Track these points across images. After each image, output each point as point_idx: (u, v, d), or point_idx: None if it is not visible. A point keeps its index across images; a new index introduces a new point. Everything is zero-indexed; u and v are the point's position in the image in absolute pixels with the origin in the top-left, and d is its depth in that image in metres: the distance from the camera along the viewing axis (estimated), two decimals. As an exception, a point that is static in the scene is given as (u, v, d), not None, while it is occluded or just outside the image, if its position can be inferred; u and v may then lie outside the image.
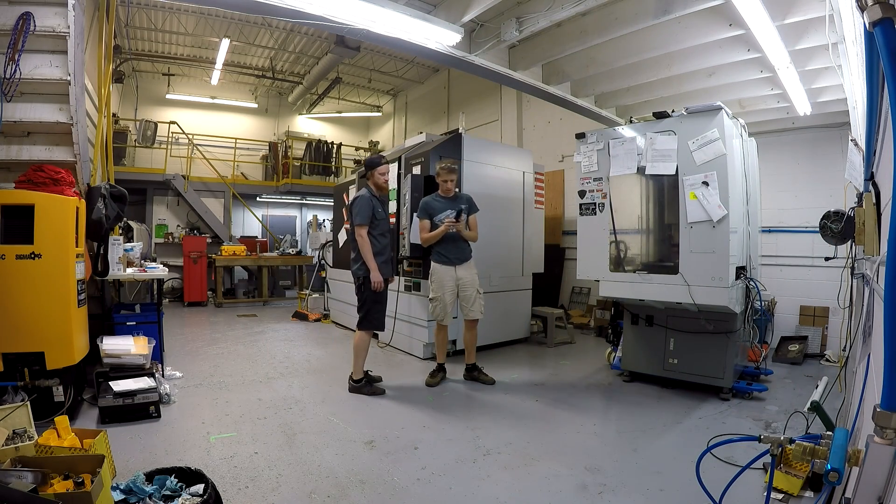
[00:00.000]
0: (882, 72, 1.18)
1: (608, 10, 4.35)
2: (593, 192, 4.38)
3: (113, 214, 3.73)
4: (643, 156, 4.02)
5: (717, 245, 3.75)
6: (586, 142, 4.40)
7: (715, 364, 4.16)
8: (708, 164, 3.75)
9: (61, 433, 2.32)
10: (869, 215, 1.95)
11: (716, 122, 3.73)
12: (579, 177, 4.46)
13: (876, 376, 1.43)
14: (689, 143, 3.80)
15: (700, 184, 3.75)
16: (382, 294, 4.18)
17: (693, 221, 3.81)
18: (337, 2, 3.63)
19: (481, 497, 2.54)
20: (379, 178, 4.20)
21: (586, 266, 4.48)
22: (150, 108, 11.45)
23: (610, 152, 4.22)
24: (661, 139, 3.94)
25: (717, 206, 3.70)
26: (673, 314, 4.32)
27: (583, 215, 4.46)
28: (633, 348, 4.59)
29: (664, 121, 3.99)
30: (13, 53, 3.36)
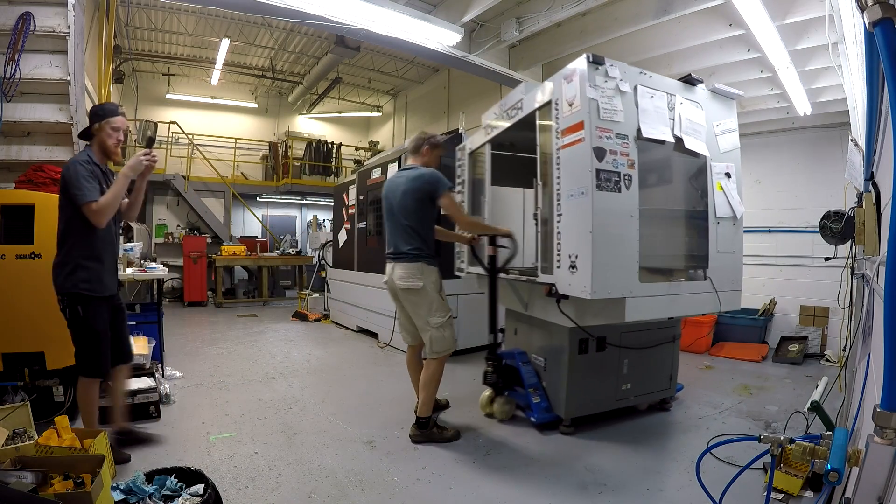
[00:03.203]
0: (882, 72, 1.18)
1: (608, 10, 4.35)
2: (616, 154, 2.79)
3: (112, 214, 3.71)
4: (676, 123, 3.06)
5: (737, 245, 3.49)
6: (605, 74, 2.84)
7: (664, 375, 3.76)
8: (728, 154, 3.37)
9: (61, 433, 2.31)
10: (869, 215, 1.95)
11: (733, 110, 3.45)
12: (594, 125, 2.72)
13: (876, 376, 1.44)
14: (715, 126, 3.29)
15: (724, 175, 3.34)
16: (102, 320, 2.69)
17: (721, 216, 3.32)
18: (337, 2, 3.63)
19: (481, 497, 2.54)
20: (108, 137, 2.69)
21: (605, 276, 2.74)
22: (150, 108, 11.45)
23: (638, 102, 2.91)
24: (692, 109, 3.17)
25: (738, 201, 3.41)
26: (627, 329, 3.43)
27: (601, 189, 2.72)
28: (581, 385, 3.36)
29: (694, 89, 3.25)
30: (13, 53, 3.36)
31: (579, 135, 2.77)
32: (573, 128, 2.81)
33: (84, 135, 2.72)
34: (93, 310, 2.62)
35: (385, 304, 5.45)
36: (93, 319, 2.62)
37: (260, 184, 12.48)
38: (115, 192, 2.56)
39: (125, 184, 2.62)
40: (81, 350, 2.65)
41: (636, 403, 3.67)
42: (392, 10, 3.82)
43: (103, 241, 2.65)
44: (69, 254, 2.57)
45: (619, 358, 3.49)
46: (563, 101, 2.90)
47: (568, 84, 2.88)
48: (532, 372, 3.55)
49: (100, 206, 2.49)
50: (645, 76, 3.02)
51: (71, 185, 2.49)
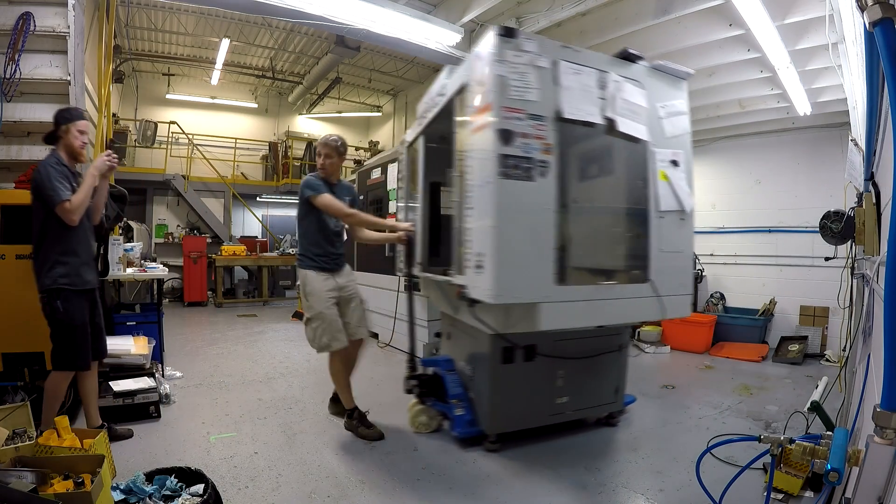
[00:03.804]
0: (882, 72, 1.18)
1: (608, 10, 4.35)
2: (528, 138, 2.44)
3: (113, 214, 3.73)
4: (608, 103, 2.69)
5: (685, 243, 3.00)
6: (518, 48, 2.47)
7: (609, 387, 3.41)
8: (676, 139, 2.96)
9: (61, 433, 2.31)
10: (869, 215, 1.95)
11: (683, 91, 3.07)
12: (499, 104, 2.39)
13: (876, 376, 1.44)
14: (659, 108, 2.91)
15: (669, 162, 2.92)
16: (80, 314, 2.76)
17: (665, 210, 2.87)
18: (337, 2, 3.64)
19: (481, 497, 2.54)
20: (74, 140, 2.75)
21: (512, 278, 2.41)
22: (150, 108, 11.44)
23: (560, 79, 2.55)
24: (630, 89, 2.79)
25: (687, 192, 2.96)
26: (562, 338, 3.13)
27: (507, 178, 2.38)
28: (508, 398, 3.08)
29: (632, 67, 2.89)
30: (13, 53, 3.37)
31: (488, 117, 2.45)
32: (482, 110, 2.51)
33: (49, 138, 2.77)
34: (72, 304, 2.69)
35: (385, 304, 5.45)
36: (72, 313, 2.69)
37: (260, 184, 12.48)
38: (85, 190, 2.67)
39: (93, 182, 2.72)
40: (60, 344, 2.71)
41: (576, 417, 3.32)
42: (392, 10, 3.82)
43: (78, 237, 2.75)
44: (46, 253, 2.67)
45: (553, 369, 3.15)
46: (475, 81, 2.61)
47: (479, 62, 2.58)
48: (457, 381, 3.28)
49: (73, 204, 2.60)
50: (570, 51, 2.69)
51: (44, 186, 2.58)
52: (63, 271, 2.67)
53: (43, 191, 2.58)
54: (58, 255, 2.67)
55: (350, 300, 3.36)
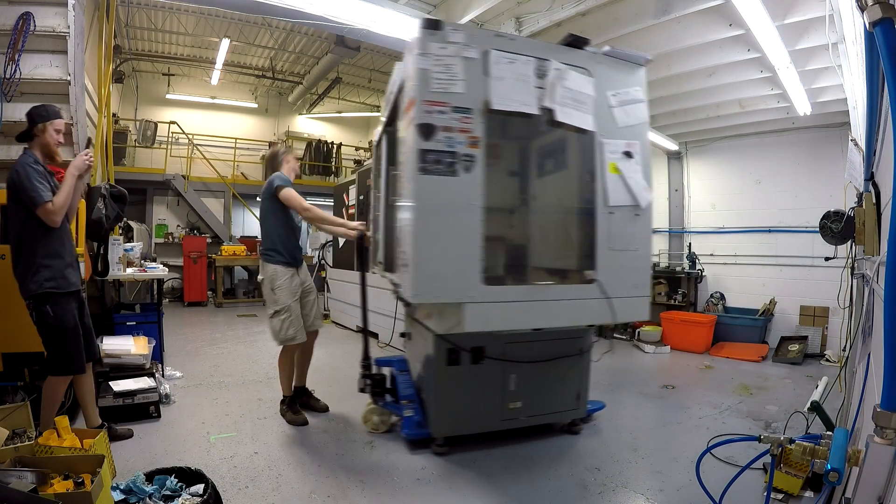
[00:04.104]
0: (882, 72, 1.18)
1: (608, 10, 4.35)
2: (452, 131, 2.39)
3: (113, 214, 3.73)
4: (549, 92, 2.58)
5: (641, 240, 2.82)
6: (443, 38, 2.44)
7: (568, 393, 3.25)
8: (631, 129, 2.80)
9: (61, 433, 2.31)
10: (869, 215, 1.95)
11: (640, 78, 2.89)
12: (420, 98, 2.38)
13: (876, 376, 1.44)
14: (609, 96, 2.76)
15: (622, 154, 2.76)
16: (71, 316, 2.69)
17: (615, 205, 2.72)
18: (337, 2, 3.63)
19: (481, 497, 2.54)
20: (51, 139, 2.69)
21: (432, 276, 2.39)
22: (150, 108, 11.43)
23: (490, 70, 2.48)
24: (575, 77, 2.65)
25: (643, 186, 2.78)
26: (513, 340, 3.02)
27: (427, 174, 2.36)
28: (455, 401, 3.00)
29: (579, 53, 2.75)
30: (13, 53, 3.36)
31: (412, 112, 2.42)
32: (409, 105, 2.48)
33: (23, 136, 2.68)
34: (60, 307, 2.63)
35: (385, 304, 5.44)
36: (62, 316, 2.62)
37: (260, 184, 12.36)
38: (67, 191, 2.60)
39: (73, 182, 2.65)
40: (53, 349, 2.65)
41: (531, 423, 3.18)
42: (392, 10, 3.81)
43: (60, 239, 2.67)
44: (29, 257, 2.58)
45: (504, 372, 3.04)
46: (407, 76, 2.58)
47: (408, 56, 2.56)
48: (409, 382, 3.25)
49: (56, 205, 2.53)
50: (504, 39, 2.62)
51: (24, 187, 2.49)
52: (48, 274, 2.59)
53: (23, 192, 2.49)
54: (41, 258, 2.58)
55: (308, 294, 3.56)
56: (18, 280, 2.61)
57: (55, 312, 2.60)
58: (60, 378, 2.71)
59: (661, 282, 7.09)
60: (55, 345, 2.65)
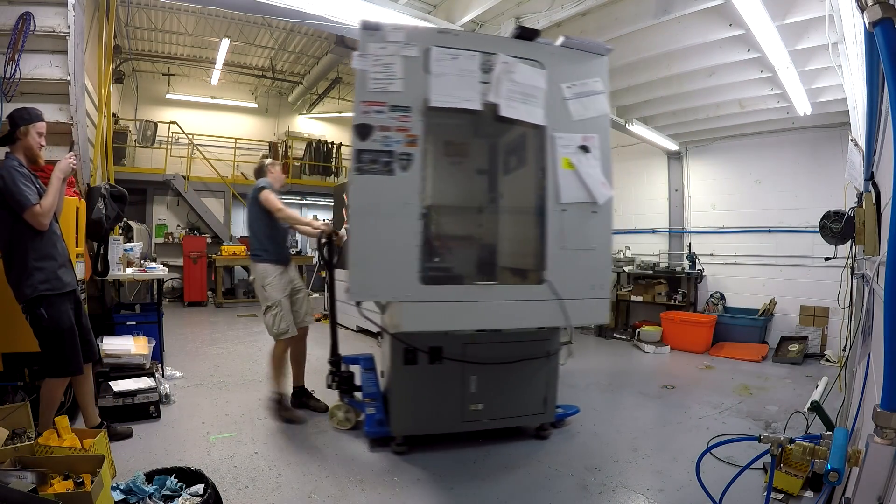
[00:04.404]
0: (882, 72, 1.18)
1: (608, 10, 4.34)
2: (389, 130, 2.42)
3: (113, 214, 3.73)
4: (494, 87, 2.53)
5: (600, 239, 2.70)
6: (382, 38, 2.45)
7: (535, 397, 3.17)
8: (588, 122, 2.68)
9: (61, 433, 2.31)
10: (869, 215, 1.95)
11: (602, 68, 2.76)
12: (358, 99, 2.44)
13: (876, 376, 1.44)
14: (564, 88, 2.64)
15: (577, 148, 2.64)
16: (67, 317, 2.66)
17: (567, 202, 2.62)
18: (337, 2, 3.63)
19: (482, 497, 2.54)
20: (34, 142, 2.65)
21: (368, 275, 2.43)
22: (150, 108, 11.43)
23: (431, 67, 2.47)
24: (525, 70, 2.57)
25: (600, 182, 2.66)
26: (473, 341, 2.97)
27: (363, 173, 2.40)
28: (410, 401, 3.00)
29: (531, 45, 2.68)
30: (13, 53, 3.36)
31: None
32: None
33: (6, 139, 2.64)
34: (56, 308, 2.61)
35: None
36: (58, 318, 2.60)
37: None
38: (54, 193, 2.59)
39: (59, 186, 2.64)
40: (50, 351, 2.63)
41: (493, 426, 3.14)
42: (392, 10, 3.81)
43: (51, 240, 2.64)
44: (22, 261, 2.55)
45: (464, 373, 2.99)
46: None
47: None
48: (373, 381, 3.24)
49: (44, 208, 2.52)
50: (448, 35, 2.60)
51: (9, 192, 2.46)
52: (42, 277, 2.56)
53: (9, 196, 2.45)
54: (34, 261, 2.56)
55: (298, 292, 3.72)
56: (12, 286, 2.57)
57: (50, 314, 2.58)
58: (58, 380, 2.70)
59: (661, 282, 7.09)
60: (52, 347, 2.63)
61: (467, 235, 3.09)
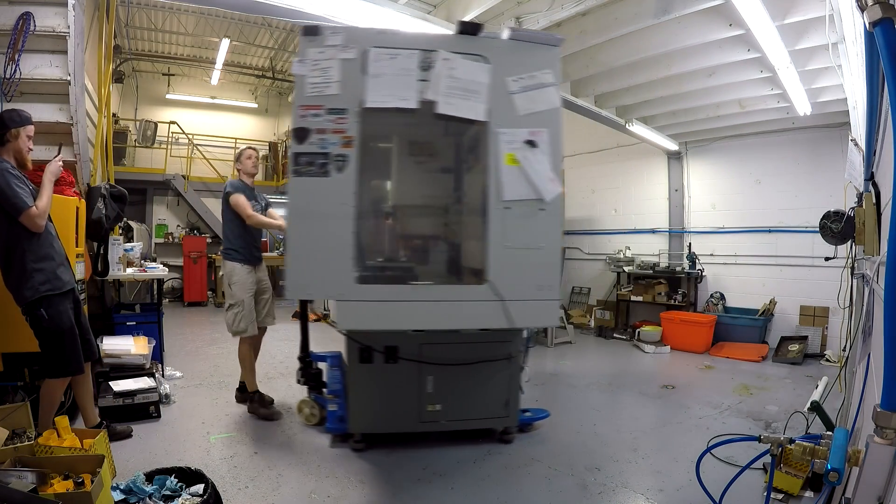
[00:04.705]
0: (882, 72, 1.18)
1: (608, 10, 4.34)
2: (325, 133, 2.45)
3: (113, 214, 3.73)
4: (432, 84, 2.50)
5: (548, 237, 2.60)
6: (321, 42, 2.49)
7: (495, 400, 3.12)
8: (536, 116, 2.58)
9: (61, 433, 2.31)
10: (869, 215, 1.95)
11: (552, 60, 2.65)
12: (297, 103, 2.51)
13: (876, 376, 1.44)
14: (510, 81, 2.56)
15: (523, 143, 2.55)
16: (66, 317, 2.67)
17: (511, 199, 2.54)
18: (337, 2, 3.63)
19: (482, 497, 2.54)
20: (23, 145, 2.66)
21: (304, 274, 2.47)
22: (150, 108, 11.44)
23: (369, 67, 2.47)
24: (466, 65, 2.52)
25: (548, 178, 2.56)
26: (429, 341, 2.97)
27: (300, 175, 2.46)
28: (367, 399, 3.02)
29: (470, 39, 2.61)
30: (13, 53, 3.36)
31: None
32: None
33: None
34: (55, 308, 2.60)
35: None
36: (57, 318, 2.60)
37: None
38: (47, 195, 2.60)
39: (51, 187, 2.66)
40: (50, 352, 2.62)
41: (452, 428, 3.11)
42: (392, 10, 3.81)
43: (46, 240, 2.64)
44: (21, 264, 2.54)
45: (421, 373, 2.99)
46: None
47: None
48: (338, 378, 3.24)
49: (40, 210, 2.52)
50: (388, 35, 2.58)
51: (5, 195, 2.44)
52: (42, 278, 2.56)
53: (5, 199, 2.43)
54: (32, 263, 2.54)
55: (264, 292, 3.76)
56: (11, 290, 2.56)
57: (50, 315, 2.57)
58: (58, 381, 2.69)
59: (661, 282, 7.09)
60: (52, 347, 2.62)
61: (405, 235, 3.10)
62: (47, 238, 2.64)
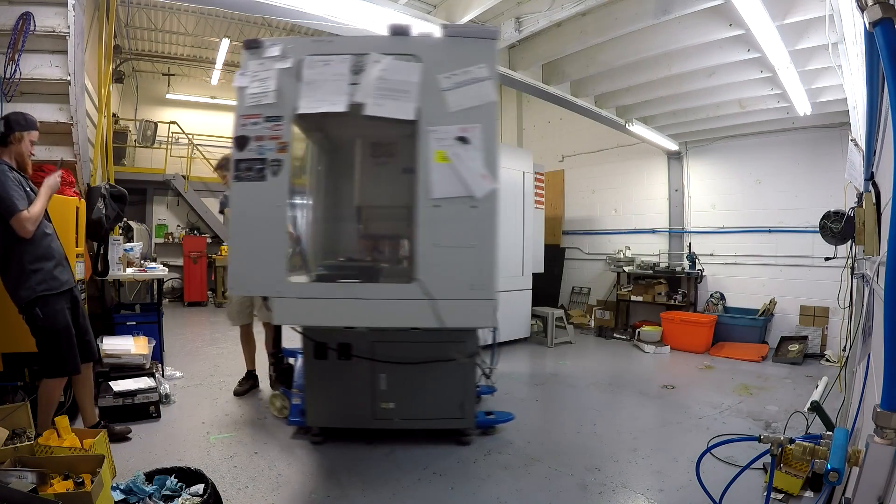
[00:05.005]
0: (882, 72, 1.18)
1: (608, 10, 4.34)
2: (263, 140, 2.58)
3: (113, 214, 3.73)
4: (362, 87, 2.54)
5: (480, 235, 2.54)
6: (261, 55, 2.63)
7: (450, 401, 3.11)
8: (469, 112, 2.55)
9: (61, 433, 2.32)
10: (869, 215, 1.95)
11: (487, 53, 2.60)
12: (238, 113, 2.67)
13: (876, 376, 1.43)
14: (442, 78, 2.55)
15: (454, 140, 2.53)
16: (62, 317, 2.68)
17: (440, 197, 2.51)
18: (337, 2, 3.63)
19: (482, 497, 2.54)
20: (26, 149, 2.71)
21: (244, 271, 2.59)
22: (150, 108, 11.43)
23: (303, 75, 2.57)
24: (395, 66, 2.55)
25: (480, 174, 2.52)
26: (382, 339, 3.00)
27: (240, 180, 2.59)
28: (322, 394, 3.09)
29: (402, 39, 2.63)
30: (13, 53, 3.37)
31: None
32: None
33: None
34: (51, 308, 2.61)
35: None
36: (52, 318, 2.60)
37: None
38: (43, 203, 2.62)
39: (47, 198, 2.67)
40: (46, 351, 2.63)
41: (406, 426, 3.13)
42: (392, 10, 3.81)
43: (44, 240, 2.65)
44: (19, 265, 2.56)
45: (374, 371, 3.04)
46: None
47: None
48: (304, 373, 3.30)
49: (32, 214, 2.52)
50: (322, 43, 2.67)
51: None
52: (39, 278, 2.58)
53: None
54: (29, 263, 2.56)
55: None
56: (9, 290, 2.57)
57: (45, 314, 2.58)
58: (55, 380, 2.70)
59: (661, 282, 7.09)
60: (48, 347, 2.63)
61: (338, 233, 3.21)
62: (44, 238, 2.65)
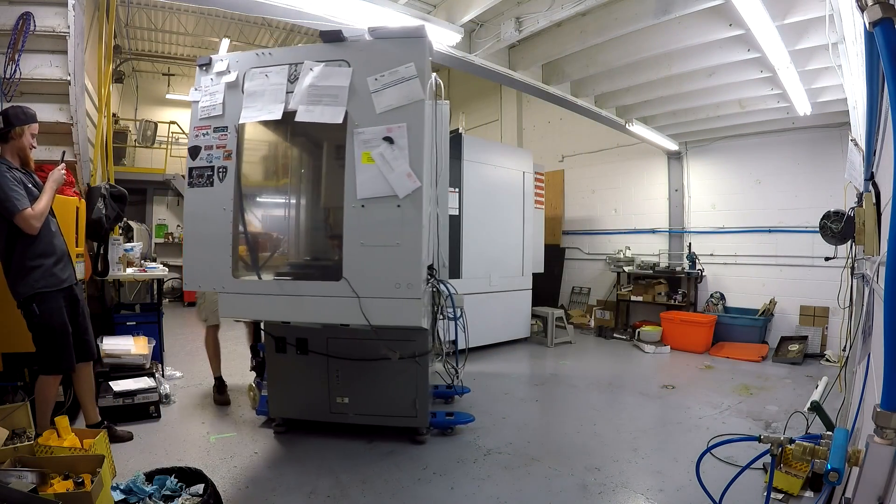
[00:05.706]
0: (882, 72, 1.18)
1: (608, 10, 4.34)
2: (212, 149, 2.81)
3: (113, 214, 3.73)
4: (296, 94, 2.69)
5: (406, 235, 2.57)
6: (211, 70, 2.86)
7: (402, 399, 3.15)
8: (395, 111, 2.59)
9: (61, 433, 2.32)
10: (869, 215, 1.95)
11: (416, 52, 2.62)
12: (192, 126, 2.90)
13: (876, 376, 1.43)
14: (370, 81, 2.62)
15: (381, 141, 2.58)
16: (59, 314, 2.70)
17: (366, 197, 2.58)
18: (337, 2, 3.63)
19: (482, 497, 2.54)
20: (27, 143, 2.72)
21: (196, 269, 2.82)
22: (150, 108, 11.44)
23: (244, 87, 2.78)
24: (327, 72, 2.66)
25: (405, 174, 2.55)
26: (335, 336, 3.12)
27: (192, 187, 2.83)
28: (284, 386, 3.23)
29: (335, 46, 2.72)
30: (13, 53, 3.37)
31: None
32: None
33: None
34: (47, 304, 2.62)
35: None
36: (48, 315, 2.62)
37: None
38: (47, 200, 2.65)
39: (52, 195, 2.70)
40: (42, 347, 2.65)
41: (361, 421, 3.21)
42: (392, 10, 3.81)
43: (45, 237, 2.66)
44: (19, 262, 2.58)
45: (329, 366, 3.14)
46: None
47: None
48: None
49: (36, 212, 2.55)
50: (263, 56, 2.83)
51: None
52: (38, 275, 2.60)
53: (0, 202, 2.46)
54: (30, 260, 2.58)
55: None
56: (10, 286, 2.60)
57: (41, 310, 2.60)
58: (51, 377, 2.70)
59: (661, 282, 7.09)
60: (43, 343, 2.64)
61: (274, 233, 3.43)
62: (46, 235, 2.66)
